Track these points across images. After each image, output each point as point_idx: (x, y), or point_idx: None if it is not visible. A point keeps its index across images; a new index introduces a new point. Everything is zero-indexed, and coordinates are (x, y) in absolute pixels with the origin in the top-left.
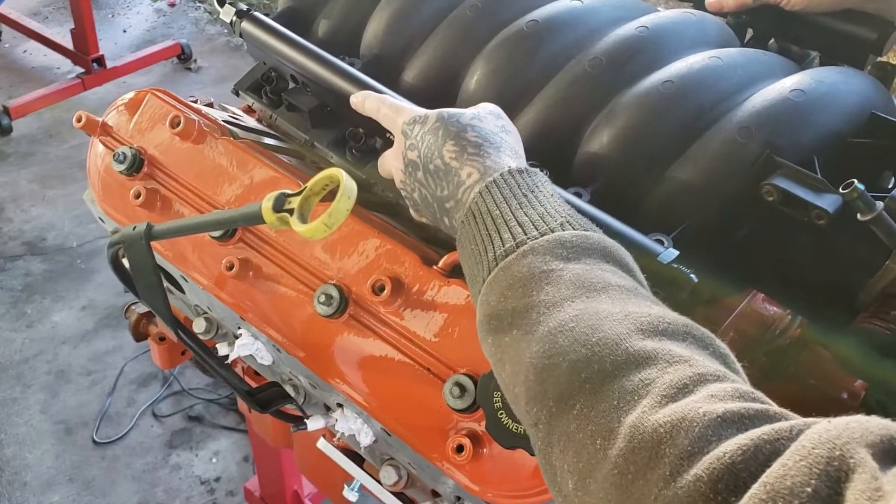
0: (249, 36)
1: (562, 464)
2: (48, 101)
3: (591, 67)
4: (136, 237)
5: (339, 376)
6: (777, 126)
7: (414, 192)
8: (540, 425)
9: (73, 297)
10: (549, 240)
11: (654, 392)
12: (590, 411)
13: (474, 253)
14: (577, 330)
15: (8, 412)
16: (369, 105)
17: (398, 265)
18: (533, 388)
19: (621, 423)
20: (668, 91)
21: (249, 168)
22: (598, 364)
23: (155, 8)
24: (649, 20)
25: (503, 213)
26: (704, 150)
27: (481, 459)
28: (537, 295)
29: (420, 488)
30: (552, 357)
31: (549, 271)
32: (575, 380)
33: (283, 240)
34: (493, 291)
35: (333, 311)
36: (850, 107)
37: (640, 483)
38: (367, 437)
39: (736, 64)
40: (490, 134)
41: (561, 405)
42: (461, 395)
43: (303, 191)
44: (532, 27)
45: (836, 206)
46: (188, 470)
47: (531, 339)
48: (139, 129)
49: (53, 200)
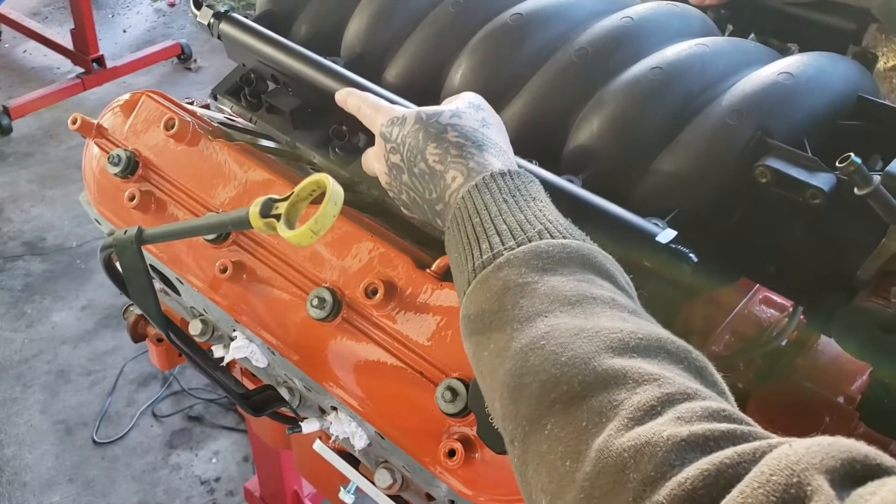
0: (228, 37)
1: (536, 482)
2: (48, 101)
3: (577, 57)
4: (127, 241)
5: (333, 379)
6: (767, 108)
7: (402, 194)
8: (515, 443)
9: (72, 297)
10: (525, 251)
11: (621, 414)
12: (560, 431)
13: (458, 262)
14: (547, 348)
15: (8, 412)
16: (351, 102)
17: (391, 268)
18: (507, 406)
19: (589, 445)
20: (656, 77)
21: (243, 170)
22: (567, 385)
23: (155, 8)
24: (633, 11)
25: (483, 220)
26: (695, 135)
27: (473, 464)
28: (511, 310)
29: (415, 491)
30: (523, 377)
31: (525, 284)
32: (545, 400)
33: (276, 243)
34: (472, 304)
35: (326, 314)
36: (837, 89)
37: None
38: (361, 441)
39: (722, 51)
40: (471, 132)
41: (533, 425)
42: (453, 400)
43: (290, 196)
44: (516, 20)
45: (831, 184)
46: (188, 470)
47: (505, 357)
48: (134, 131)
49: (53, 200)
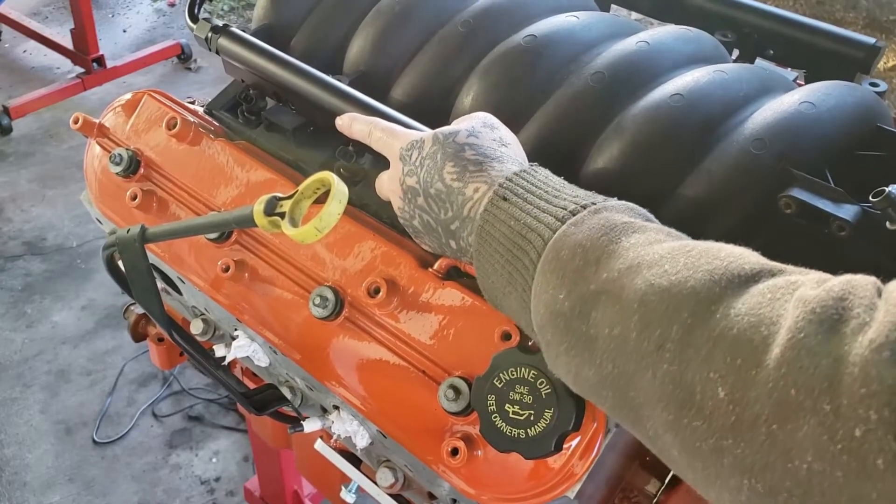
0: (227, 53)
1: (706, 374)
2: (48, 101)
3: (593, 82)
4: (130, 240)
5: (335, 378)
6: (790, 137)
7: (414, 219)
8: (668, 345)
9: (72, 297)
10: (616, 203)
11: (807, 282)
12: (741, 307)
13: (515, 238)
14: (696, 251)
15: (8, 412)
16: (357, 128)
17: (394, 267)
18: (655, 309)
19: (784, 307)
20: (677, 104)
21: (245, 170)
22: (738, 270)
23: (155, 8)
24: (648, 36)
25: (536, 194)
26: (719, 162)
27: (476, 462)
28: (626, 240)
29: (417, 490)
30: (678, 274)
31: (631, 223)
32: (714, 288)
33: (278, 242)
34: (564, 247)
35: (329, 313)
36: (856, 119)
37: (835, 337)
38: (363, 440)
39: (741, 77)
40: (489, 149)
41: (700, 314)
42: (456, 398)
43: (294, 194)
44: (530, 42)
45: (857, 216)
46: (188, 470)
47: (636, 273)
48: (136, 130)
49: (53, 200)
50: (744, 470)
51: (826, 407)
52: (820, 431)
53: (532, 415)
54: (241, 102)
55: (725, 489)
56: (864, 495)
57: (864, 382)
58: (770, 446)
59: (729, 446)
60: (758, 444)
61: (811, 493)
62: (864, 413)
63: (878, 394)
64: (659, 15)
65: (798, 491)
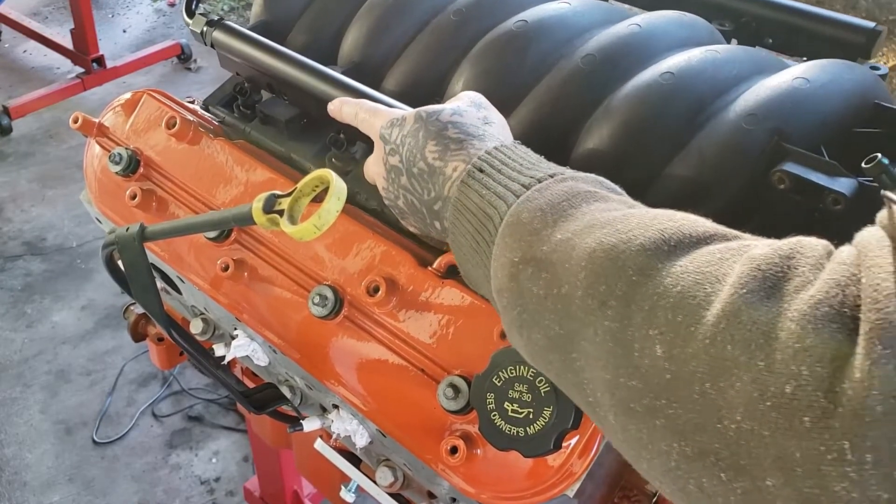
0: (222, 46)
1: (645, 332)
2: (48, 101)
3: (584, 64)
4: (129, 238)
5: (335, 377)
6: (784, 113)
7: (398, 199)
8: (611, 301)
9: (72, 297)
10: (586, 175)
11: (760, 244)
12: (688, 265)
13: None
14: (650, 214)
15: (8, 412)
16: (346, 111)
17: (393, 266)
18: (602, 265)
19: (732, 267)
20: (667, 83)
21: (245, 169)
22: (690, 231)
23: (155, 8)
24: (641, 19)
25: (510, 166)
26: (709, 140)
27: (475, 461)
28: (586, 206)
29: (416, 489)
30: (629, 232)
31: (594, 192)
32: (662, 246)
33: (278, 241)
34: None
35: (328, 312)
36: (853, 96)
37: (777, 294)
38: (362, 439)
39: (734, 58)
40: (472, 128)
41: (646, 271)
42: (455, 397)
43: (293, 192)
44: (521, 27)
45: (852, 189)
46: (188, 470)
47: (591, 230)
48: (135, 129)
49: (53, 200)
50: (675, 432)
51: (760, 363)
52: (752, 388)
53: (531, 413)
54: (237, 96)
55: (656, 454)
56: (788, 454)
57: (800, 338)
58: (702, 405)
59: (662, 406)
60: (690, 404)
61: (738, 453)
62: (797, 369)
63: (811, 349)
64: (657, 7)
65: (725, 453)
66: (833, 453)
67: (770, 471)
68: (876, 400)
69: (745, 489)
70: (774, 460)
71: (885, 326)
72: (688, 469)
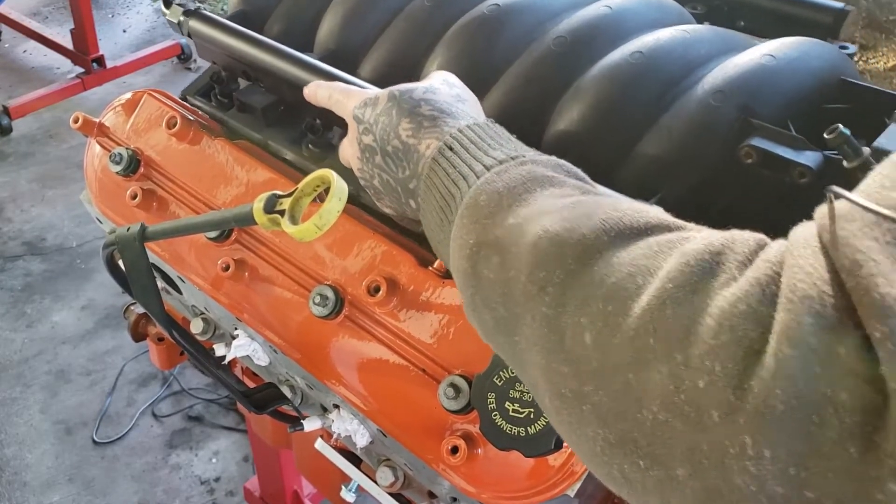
0: (199, 35)
1: (577, 319)
2: (48, 101)
3: (555, 46)
4: (130, 238)
5: (335, 377)
6: (751, 89)
7: (374, 178)
8: (549, 288)
9: (72, 297)
10: (547, 159)
11: (699, 237)
12: (625, 257)
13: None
14: (599, 202)
15: (8, 412)
16: (321, 94)
17: (393, 266)
18: (545, 252)
19: (666, 261)
20: (637, 61)
21: (245, 169)
22: (632, 222)
23: (155, 8)
24: (612, 1)
25: (478, 146)
26: (678, 117)
27: (476, 461)
28: (541, 191)
29: (417, 489)
30: (574, 220)
31: (552, 177)
32: (602, 237)
33: (278, 241)
34: (482, 193)
35: (329, 312)
36: (820, 72)
37: (703, 290)
38: (363, 438)
39: (703, 37)
40: (445, 105)
41: (583, 260)
42: (456, 397)
43: (294, 192)
44: (493, 10)
45: (818, 162)
46: (188, 470)
47: (539, 216)
48: (136, 129)
49: (53, 200)
50: (599, 418)
51: (678, 357)
52: (668, 381)
53: (532, 413)
54: (214, 85)
55: (584, 439)
56: (697, 446)
57: (716, 335)
58: (624, 394)
59: (589, 393)
60: (613, 392)
61: (654, 443)
62: (710, 364)
63: (725, 345)
64: None
65: (643, 442)
66: (736, 447)
67: (681, 461)
68: (778, 399)
69: (658, 478)
70: (685, 451)
71: (794, 327)
72: (611, 455)
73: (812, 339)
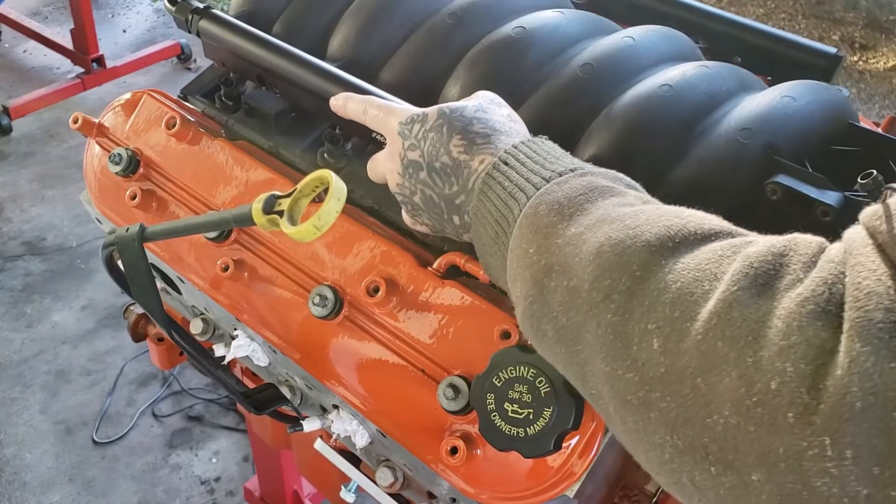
0: (209, 35)
1: (644, 325)
2: (48, 101)
3: (582, 73)
4: (129, 239)
5: (335, 377)
6: (775, 127)
7: (415, 194)
8: (614, 295)
9: (72, 297)
10: (605, 171)
11: (760, 241)
12: (690, 262)
13: (505, 198)
14: (659, 211)
15: (8, 412)
16: (352, 107)
17: (393, 266)
18: (608, 259)
19: (730, 265)
20: (666, 94)
21: (245, 169)
22: (695, 229)
23: (155, 8)
24: (633, 32)
25: (535, 160)
26: (707, 150)
27: (475, 461)
28: (602, 201)
29: (416, 490)
30: (636, 228)
31: (612, 187)
32: (667, 243)
33: (278, 241)
34: (542, 203)
35: (328, 312)
36: (831, 115)
37: (768, 292)
38: (362, 439)
39: (723, 73)
40: (498, 124)
41: (649, 267)
42: (455, 397)
43: (293, 192)
44: (519, 33)
45: (840, 202)
46: (188, 470)
47: (602, 224)
48: (135, 130)
49: (53, 200)
50: (667, 424)
51: (748, 360)
52: (739, 384)
53: (531, 413)
54: (221, 86)
55: (651, 447)
56: (772, 450)
57: (786, 335)
58: (692, 399)
59: (656, 399)
60: (681, 397)
61: (725, 448)
62: (782, 366)
63: (796, 346)
64: (632, 22)
65: (714, 447)
66: (814, 449)
67: (755, 466)
68: (855, 396)
69: (732, 484)
70: (759, 456)
71: (864, 324)
72: (680, 462)
73: (883, 333)
